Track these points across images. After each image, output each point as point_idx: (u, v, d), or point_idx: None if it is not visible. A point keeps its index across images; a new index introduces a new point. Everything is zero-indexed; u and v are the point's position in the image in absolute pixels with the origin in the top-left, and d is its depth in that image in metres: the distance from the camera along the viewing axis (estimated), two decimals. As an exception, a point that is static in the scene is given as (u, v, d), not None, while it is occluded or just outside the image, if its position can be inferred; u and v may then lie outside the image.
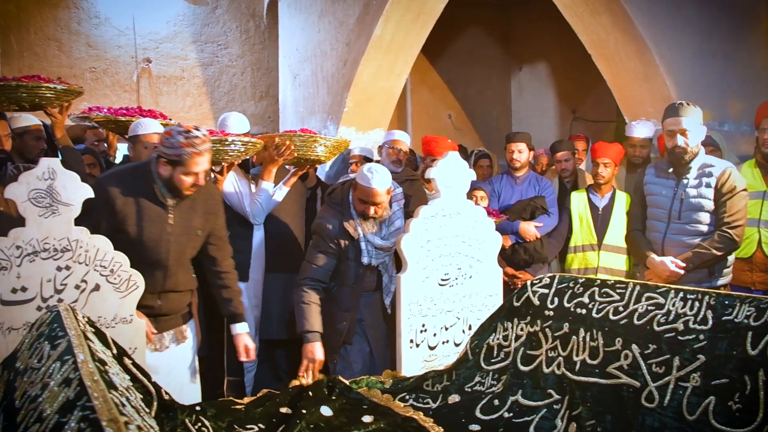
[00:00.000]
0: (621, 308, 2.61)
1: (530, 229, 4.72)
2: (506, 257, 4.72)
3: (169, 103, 6.62)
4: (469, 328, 3.63)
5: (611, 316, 2.61)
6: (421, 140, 5.09)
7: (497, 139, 8.16)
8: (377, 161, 5.07)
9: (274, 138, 3.70)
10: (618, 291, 2.68)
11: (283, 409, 2.95)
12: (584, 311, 2.73)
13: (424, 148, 4.94)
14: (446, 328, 3.58)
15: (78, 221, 2.80)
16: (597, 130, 7.47)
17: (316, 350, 3.34)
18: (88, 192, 2.78)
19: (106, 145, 4.96)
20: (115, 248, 2.87)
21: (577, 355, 2.65)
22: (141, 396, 1.80)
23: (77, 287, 2.75)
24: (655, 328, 2.42)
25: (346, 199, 3.58)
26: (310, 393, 2.98)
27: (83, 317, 2.07)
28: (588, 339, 2.64)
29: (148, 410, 1.70)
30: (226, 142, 3.31)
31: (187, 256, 3.21)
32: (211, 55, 7.23)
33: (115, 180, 2.95)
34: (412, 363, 3.42)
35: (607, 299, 2.68)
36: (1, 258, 2.61)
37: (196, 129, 2.87)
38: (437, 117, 8.13)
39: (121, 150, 5.13)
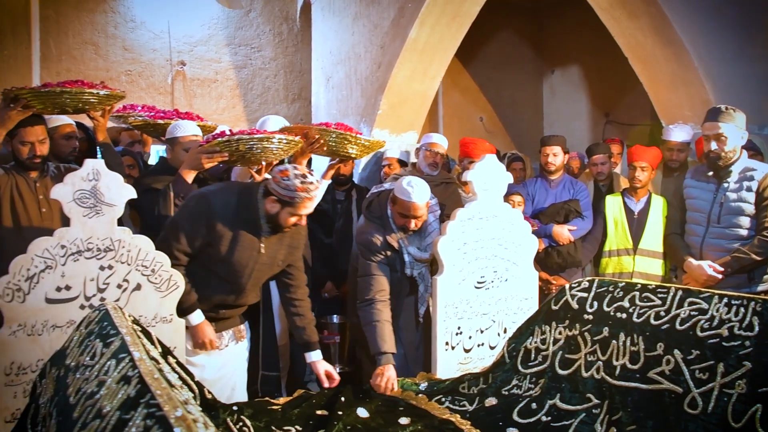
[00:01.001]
0: (662, 313, 2.58)
1: (564, 232, 4.68)
2: (539, 261, 4.69)
3: (203, 106, 6.68)
4: (504, 331, 3.62)
5: (652, 321, 2.59)
6: (456, 142, 5.08)
7: (529, 143, 8.12)
8: (413, 164, 5.07)
9: (306, 129, 3.66)
10: (659, 296, 2.65)
11: (320, 411, 2.97)
12: (624, 315, 2.71)
13: (461, 150, 4.93)
14: (481, 331, 3.57)
15: (169, 228, 2.90)
16: (630, 134, 7.40)
17: (391, 373, 3.26)
18: (131, 193, 2.82)
19: (141, 146, 5.02)
20: (201, 260, 2.98)
21: (617, 360, 2.63)
22: (191, 395, 1.83)
23: (119, 286, 2.79)
24: (699, 333, 2.40)
25: (386, 212, 3.58)
26: (343, 399, 2.99)
27: (129, 316, 2.10)
28: (628, 343, 2.62)
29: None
30: (272, 140, 3.31)
31: (263, 281, 3.32)
32: (245, 57, 7.29)
33: (221, 201, 2.97)
34: (447, 365, 3.42)
35: (648, 304, 2.66)
36: (47, 257, 2.66)
37: (310, 174, 2.92)
38: (469, 120, 8.11)
39: (152, 149, 5.15)
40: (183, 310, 3.00)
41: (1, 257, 3.27)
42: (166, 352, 2.15)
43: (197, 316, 3.05)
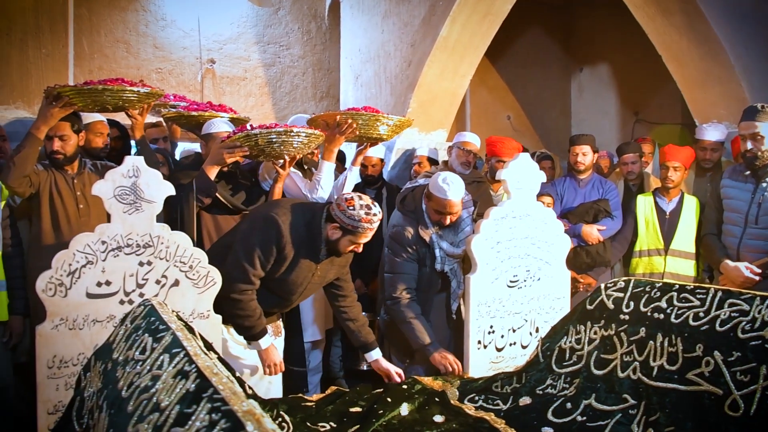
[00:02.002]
0: (702, 314, 2.56)
1: (593, 232, 4.66)
2: (568, 260, 4.64)
3: (232, 103, 6.69)
4: (537, 330, 3.62)
5: (691, 322, 2.57)
6: (484, 141, 5.07)
7: (556, 141, 8.08)
8: (444, 161, 5.07)
9: (335, 116, 3.64)
10: (698, 296, 2.63)
11: (354, 409, 2.98)
12: (662, 316, 2.69)
13: (488, 149, 4.92)
14: (514, 330, 3.57)
15: (243, 253, 2.92)
16: (659, 133, 7.33)
17: (447, 355, 3.39)
18: (170, 189, 2.85)
19: (165, 142, 5.03)
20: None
21: (654, 361, 2.62)
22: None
23: (158, 282, 2.82)
24: (740, 335, 2.37)
25: (420, 206, 3.59)
26: (390, 399, 3.01)
27: (172, 311, 2.12)
28: (666, 344, 2.60)
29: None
30: (291, 133, 3.32)
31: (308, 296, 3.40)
32: (273, 55, 7.32)
33: (289, 224, 2.98)
34: (479, 364, 3.42)
35: (687, 304, 2.64)
36: (88, 252, 2.70)
37: (374, 204, 2.97)
38: (496, 118, 8.08)
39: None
40: (253, 335, 3.05)
41: (40, 252, 3.35)
42: (208, 346, 2.17)
43: (266, 341, 3.10)
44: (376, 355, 3.39)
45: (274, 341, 3.35)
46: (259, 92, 7.26)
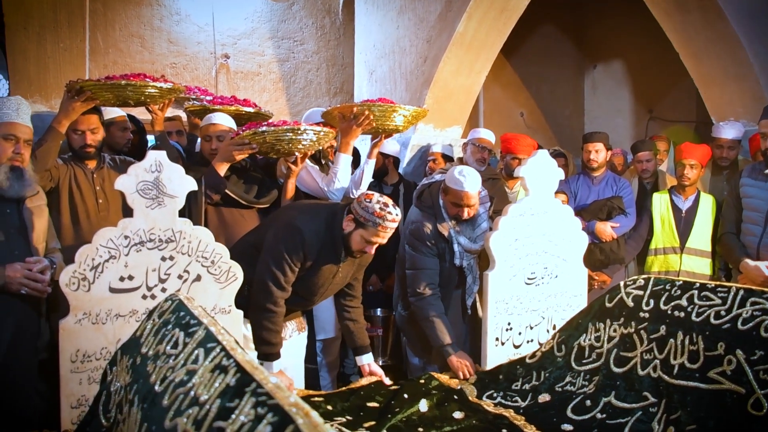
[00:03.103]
0: (723, 312, 2.55)
1: (606, 229, 4.65)
2: (582, 257, 4.67)
3: (248, 98, 6.75)
4: (554, 327, 3.62)
5: (712, 320, 2.56)
6: (497, 138, 5.06)
7: (570, 138, 8.05)
8: (459, 158, 5.07)
9: (352, 108, 3.61)
10: (719, 295, 2.63)
11: (371, 404, 3.00)
12: (683, 314, 2.68)
13: (503, 146, 4.91)
14: (531, 327, 3.58)
15: (273, 263, 2.94)
16: (674, 130, 7.30)
17: (464, 357, 3.38)
18: (192, 184, 2.86)
19: (178, 136, 5.03)
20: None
21: (675, 359, 2.61)
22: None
23: (180, 277, 2.83)
24: (763, 333, 2.37)
25: (437, 201, 3.59)
26: (406, 395, 3.02)
27: (199, 306, 2.13)
28: (687, 342, 2.60)
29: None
30: (300, 131, 3.33)
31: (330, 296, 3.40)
32: (288, 51, 7.33)
33: (312, 230, 2.99)
34: (497, 361, 3.43)
35: (708, 303, 2.63)
36: (111, 247, 2.71)
37: (395, 206, 2.94)
38: (509, 115, 8.06)
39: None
40: (269, 354, 3.02)
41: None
42: (236, 342, 2.18)
43: (277, 365, 3.07)
44: (367, 359, 3.38)
45: (298, 336, 3.37)
46: (273, 87, 7.27)
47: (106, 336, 2.71)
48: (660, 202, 4.66)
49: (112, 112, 3.92)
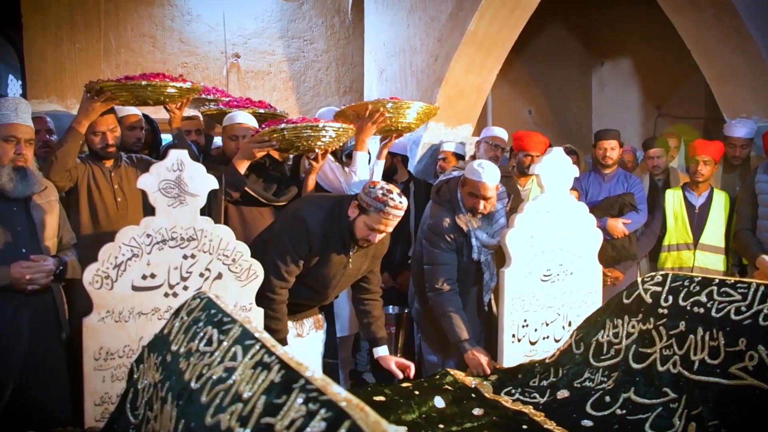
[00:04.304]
0: (743, 308, 2.56)
1: (618, 225, 4.66)
2: (594, 254, 4.67)
3: (257, 98, 6.74)
4: (569, 324, 3.63)
5: (733, 316, 2.56)
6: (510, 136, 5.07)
7: (578, 136, 8.04)
8: (471, 156, 5.08)
9: (366, 106, 3.62)
10: (740, 291, 2.63)
11: (378, 398, 2.98)
12: (702, 310, 2.69)
13: (515, 144, 4.91)
14: (547, 324, 3.59)
15: (276, 252, 2.98)
16: (681, 128, 7.29)
17: (483, 355, 3.38)
18: (213, 183, 2.88)
19: (197, 135, 5.03)
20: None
21: (695, 354, 2.62)
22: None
23: (201, 275, 2.85)
24: (784, 329, 2.38)
25: (455, 195, 3.61)
26: (417, 392, 3.02)
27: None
28: (707, 338, 2.60)
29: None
30: (317, 128, 3.34)
31: (345, 288, 3.42)
32: (298, 50, 7.35)
33: (317, 220, 3.02)
34: (513, 358, 3.44)
35: (728, 299, 2.64)
36: (133, 245, 2.73)
37: (399, 195, 2.91)
38: (517, 113, 8.06)
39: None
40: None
41: (79, 245, 3.39)
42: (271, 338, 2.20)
43: None
44: (383, 351, 3.40)
45: (315, 334, 3.39)
46: (283, 87, 7.29)
47: (128, 334, 2.73)
48: (673, 199, 4.67)
49: (124, 111, 3.93)
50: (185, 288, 2.82)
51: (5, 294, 2.72)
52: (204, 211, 2.92)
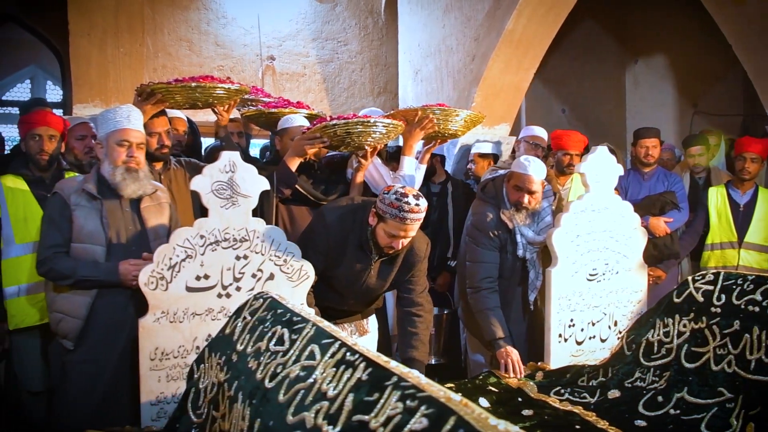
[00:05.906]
0: (800, 307, 2.54)
1: (660, 224, 4.61)
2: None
3: (292, 100, 6.81)
4: (615, 324, 3.61)
5: (790, 315, 2.55)
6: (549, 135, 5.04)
7: (611, 134, 7.97)
8: (510, 156, 5.06)
9: (416, 112, 3.63)
10: (795, 289, 2.61)
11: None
12: (757, 309, 2.67)
13: (553, 143, 4.88)
14: (593, 324, 3.57)
15: (300, 247, 2.99)
16: (720, 125, 7.20)
17: (515, 354, 3.32)
18: (264, 184, 2.90)
19: (240, 137, 5.08)
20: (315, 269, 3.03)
21: (751, 354, 2.59)
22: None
23: (254, 276, 2.88)
24: None
25: (500, 191, 3.61)
26: (467, 387, 3.03)
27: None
28: (763, 337, 2.58)
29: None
30: (369, 124, 3.34)
31: (372, 297, 3.36)
32: (332, 51, 7.39)
33: (336, 217, 3.03)
34: (559, 357, 3.43)
35: (784, 297, 2.62)
36: (187, 246, 2.77)
37: (415, 197, 2.81)
38: (550, 111, 8.03)
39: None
40: None
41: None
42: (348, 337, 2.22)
43: None
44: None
45: (358, 339, 3.37)
46: (317, 88, 7.33)
47: (183, 334, 2.77)
48: (716, 197, 4.62)
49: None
50: (238, 289, 2.85)
51: (116, 289, 2.86)
52: (255, 212, 2.94)
